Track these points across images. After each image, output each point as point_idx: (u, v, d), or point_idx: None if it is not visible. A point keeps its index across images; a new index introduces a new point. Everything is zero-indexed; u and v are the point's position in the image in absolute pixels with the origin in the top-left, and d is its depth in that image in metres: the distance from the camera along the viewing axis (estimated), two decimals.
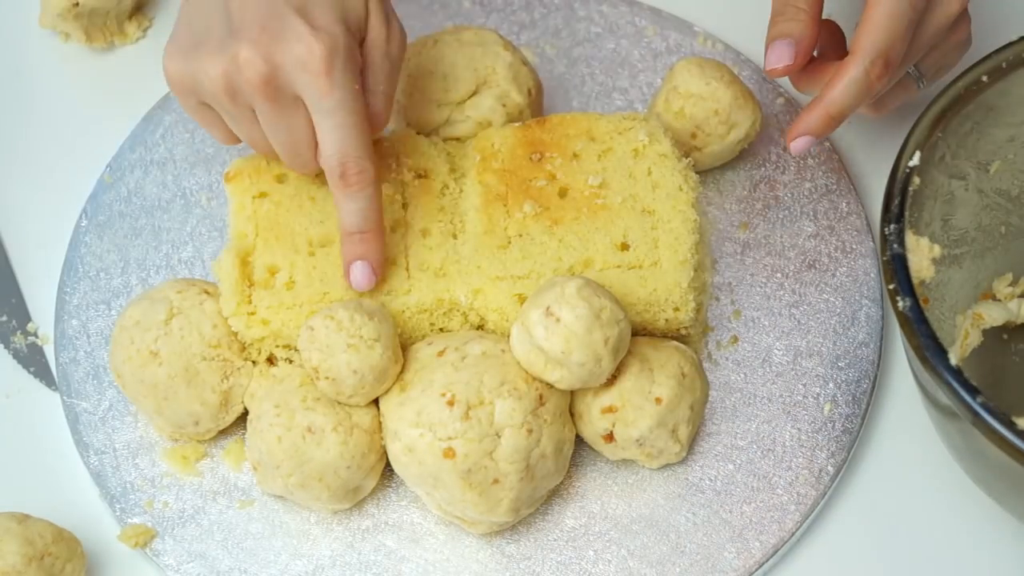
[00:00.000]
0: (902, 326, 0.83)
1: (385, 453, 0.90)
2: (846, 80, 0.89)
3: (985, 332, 0.94)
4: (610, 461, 0.94)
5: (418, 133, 0.98)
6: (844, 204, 1.02)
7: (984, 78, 0.88)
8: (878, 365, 0.96)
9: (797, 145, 0.92)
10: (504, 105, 0.98)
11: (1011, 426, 0.79)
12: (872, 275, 0.99)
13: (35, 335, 1.01)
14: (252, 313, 0.91)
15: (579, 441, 0.92)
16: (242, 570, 0.91)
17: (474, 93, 0.98)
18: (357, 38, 0.88)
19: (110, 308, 0.99)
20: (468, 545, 0.92)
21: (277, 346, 0.92)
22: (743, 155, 1.03)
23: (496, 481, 0.87)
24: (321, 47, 0.84)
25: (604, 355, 0.87)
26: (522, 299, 0.91)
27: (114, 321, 0.98)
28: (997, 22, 1.09)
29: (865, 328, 0.97)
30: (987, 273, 0.96)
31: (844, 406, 0.95)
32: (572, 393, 0.91)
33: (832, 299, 0.98)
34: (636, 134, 0.95)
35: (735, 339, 0.98)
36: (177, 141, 1.05)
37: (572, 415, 0.91)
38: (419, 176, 0.95)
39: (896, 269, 0.84)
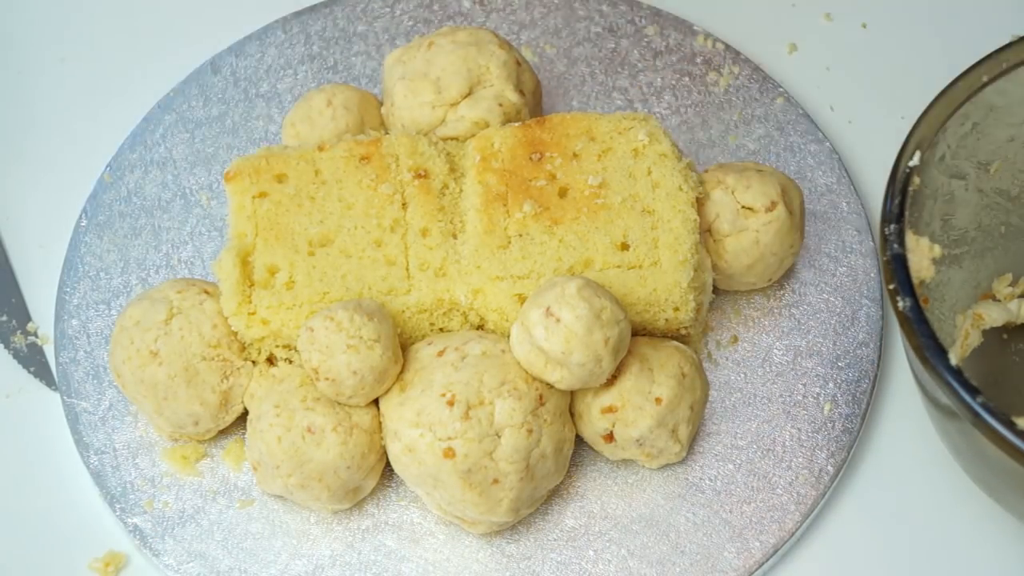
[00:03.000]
0: (902, 326, 0.83)
1: (385, 453, 0.90)
2: None
3: (985, 332, 0.94)
4: (610, 461, 0.94)
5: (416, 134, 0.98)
6: (844, 204, 1.02)
7: (984, 78, 0.88)
8: (878, 365, 0.96)
9: None
10: (500, 104, 0.98)
11: (1011, 426, 0.79)
12: (872, 275, 0.99)
13: (35, 335, 1.01)
14: (252, 313, 0.91)
15: (579, 441, 0.92)
16: (242, 570, 0.91)
17: (468, 93, 0.98)
18: None
19: (110, 308, 0.99)
20: (468, 545, 0.92)
21: (277, 346, 0.92)
22: (743, 155, 1.03)
23: (496, 481, 0.87)
24: None
25: (604, 355, 0.87)
26: (522, 299, 0.91)
27: (114, 321, 0.98)
28: (997, 22, 1.09)
29: (865, 328, 0.97)
30: (987, 273, 0.96)
31: (844, 406, 0.95)
32: (572, 393, 0.91)
33: (832, 299, 0.98)
34: (636, 134, 0.95)
35: (735, 339, 0.98)
36: (177, 141, 1.05)
37: (572, 415, 0.91)
38: (419, 176, 0.95)
39: (896, 269, 0.84)
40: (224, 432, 0.95)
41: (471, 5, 1.10)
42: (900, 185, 0.86)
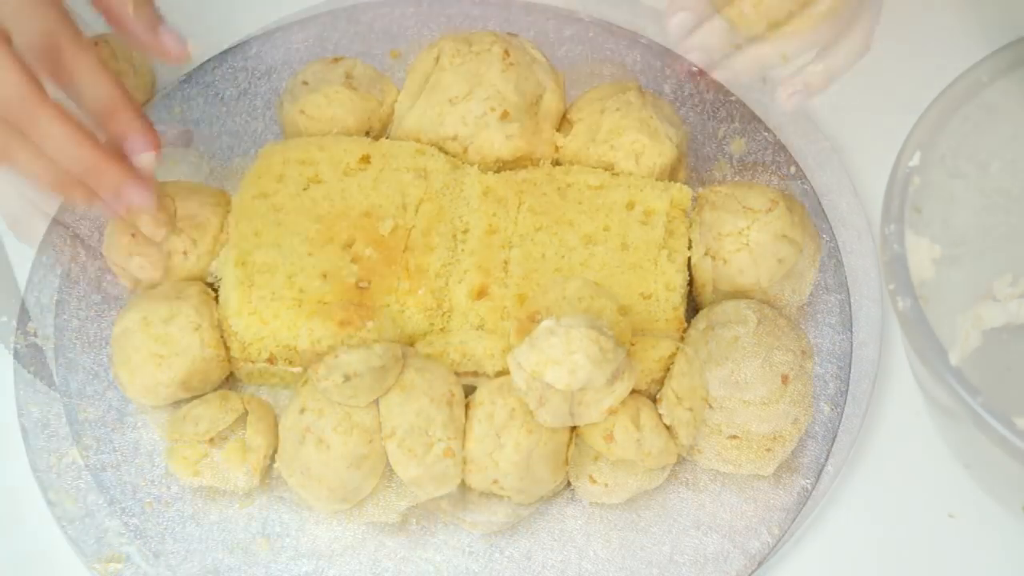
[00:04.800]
0: (902, 326, 0.83)
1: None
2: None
3: (985, 332, 0.94)
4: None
5: (417, 138, 0.98)
6: (844, 204, 1.02)
7: (984, 78, 0.89)
8: (878, 365, 0.96)
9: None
10: (501, 105, 0.98)
11: (1011, 426, 0.79)
12: (872, 275, 0.99)
13: (35, 335, 1.01)
14: (252, 313, 0.91)
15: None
16: (242, 570, 0.91)
17: (469, 94, 0.98)
18: None
19: (110, 308, 0.99)
20: (468, 545, 0.92)
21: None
22: (742, 155, 1.04)
23: (496, 481, 0.87)
24: None
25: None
26: (522, 299, 0.91)
27: (114, 322, 0.98)
28: (997, 22, 1.09)
29: (865, 328, 0.97)
30: (987, 273, 0.96)
31: (844, 406, 0.95)
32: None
33: (832, 299, 0.98)
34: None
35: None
36: None
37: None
38: (419, 176, 0.95)
39: (896, 269, 0.84)
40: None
41: (471, 5, 1.10)
42: (900, 185, 0.86)
